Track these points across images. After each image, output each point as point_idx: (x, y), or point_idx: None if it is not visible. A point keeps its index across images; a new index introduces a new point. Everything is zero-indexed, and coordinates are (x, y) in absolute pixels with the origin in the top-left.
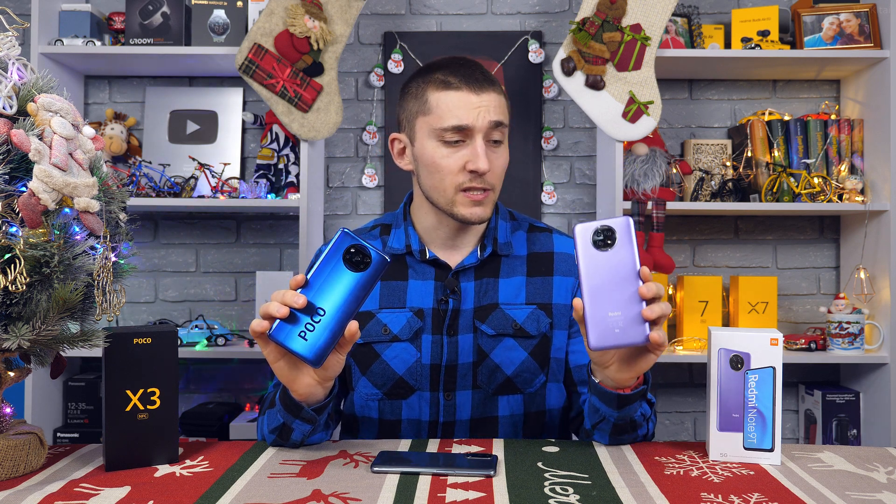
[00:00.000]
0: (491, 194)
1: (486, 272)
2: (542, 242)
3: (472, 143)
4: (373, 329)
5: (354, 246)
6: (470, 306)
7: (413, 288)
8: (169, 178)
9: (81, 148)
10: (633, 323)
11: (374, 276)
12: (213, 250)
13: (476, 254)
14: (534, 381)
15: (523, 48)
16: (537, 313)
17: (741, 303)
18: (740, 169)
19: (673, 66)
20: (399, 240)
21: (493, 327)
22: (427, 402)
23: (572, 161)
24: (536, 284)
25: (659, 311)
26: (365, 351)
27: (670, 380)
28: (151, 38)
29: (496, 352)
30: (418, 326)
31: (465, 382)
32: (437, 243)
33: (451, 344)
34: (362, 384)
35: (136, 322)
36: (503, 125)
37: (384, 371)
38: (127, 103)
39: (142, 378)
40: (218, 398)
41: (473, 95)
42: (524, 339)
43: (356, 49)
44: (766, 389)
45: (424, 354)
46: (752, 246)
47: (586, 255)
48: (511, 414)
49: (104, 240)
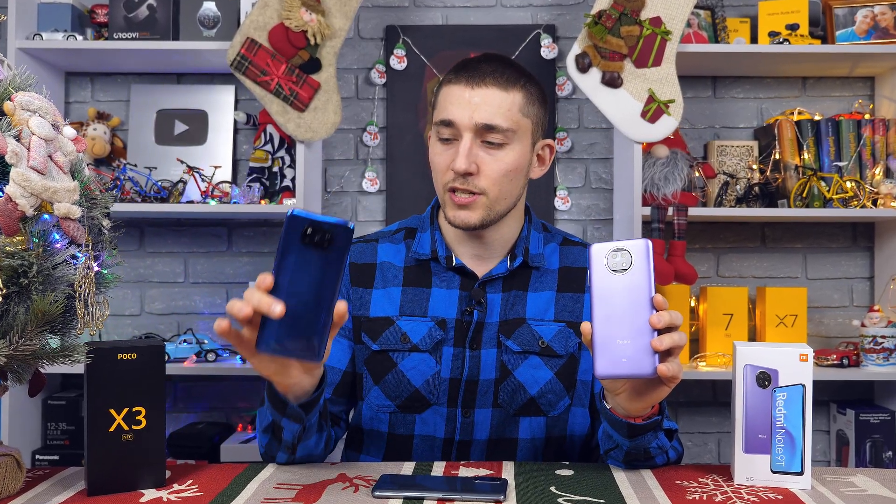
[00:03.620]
0: (481, 199)
1: (514, 284)
2: (576, 257)
3: (461, 141)
4: (391, 336)
5: (310, 225)
6: (495, 319)
7: (436, 296)
8: (155, 182)
9: (62, 150)
10: (642, 353)
11: (344, 250)
12: (203, 259)
13: (505, 263)
14: (558, 404)
15: (535, 43)
16: (566, 332)
17: (768, 316)
18: (767, 172)
19: (695, 63)
20: (424, 244)
21: (518, 343)
22: (443, 417)
23: (587, 164)
24: (567, 301)
25: (670, 342)
26: (381, 359)
27: (693, 398)
28: (137, 33)
29: (520, 370)
30: (440, 337)
31: (486, 400)
32: (461, 251)
33: (473, 358)
34: (374, 394)
35: (120, 336)
36: (496, 129)
37: (400, 382)
38: (110, 102)
39: (126, 396)
40: (208, 418)
41: (467, 89)
42: (551, 358)
43: (356, 44)
44: (795, 408)
45: (444, 367)
46: (780, 255)
47: (600, 278)
48: (532, 437)
49: (86, 248)
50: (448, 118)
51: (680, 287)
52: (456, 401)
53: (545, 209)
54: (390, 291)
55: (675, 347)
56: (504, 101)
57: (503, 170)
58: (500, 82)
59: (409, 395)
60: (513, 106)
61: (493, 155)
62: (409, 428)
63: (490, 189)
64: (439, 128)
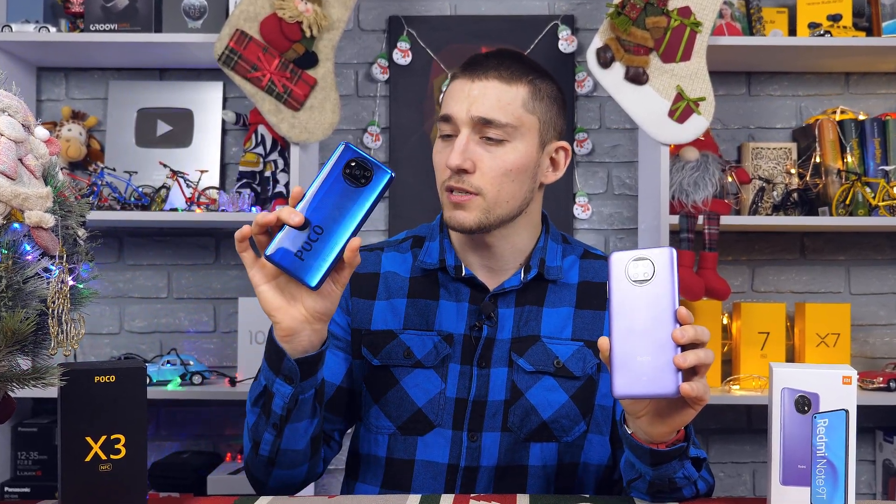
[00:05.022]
0: (477, 200)
1: (528, 298)
2: (597, 271)
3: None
4: (393, 351)
5: (355, 159)
6: (507, 336)
7: (444, 309)
8: (136, 187)
9: (33, 152)
10: (663, 371)
11: (377, 192)
12: (189, 273)
13: (519, 276)
14: (572, 430)
15: (552, 35)
16: (584, 352)
17: (808, 334)
18: (807, 177)
19: (728, 57)
20: (432, 254)
21: (531, 363)
22: (447, 441)
23: (610, 168)
24: (585, 319)
25: (694, 359)
26: (381, 374)
27: (725, 425)
28: (115, 24)
29: (533, 391)
30: (446, 353)
31: (494, 423)
32: (472, 262)
33: (482, 377)
34: (372, 414)
35: (97, 357)
36: (494, 124)
37: (401, 400)
38: (87, 100)
39: (104, 423)
40: (194, 446)
41: (468, 82)
42: (566, 379)
43: (356, 36)
44: (837, 436)
45: (450, 386)
46: (821, 267)
47: (619, 289)
48: (543, 465)
49: (60, 260)
50: (446, 113)
51: (711, 303)
52: (462, 423)
53: (563, 218)
54: (394, 303)
55: (700, 365)
56: (505, 95)
57: (502, 168)
58: (502, 75)
59: (411, 416)
60: (514, 100)
61: (492, 152)
62: (409, 452)
63: (487, 189)
64: (440, 124)
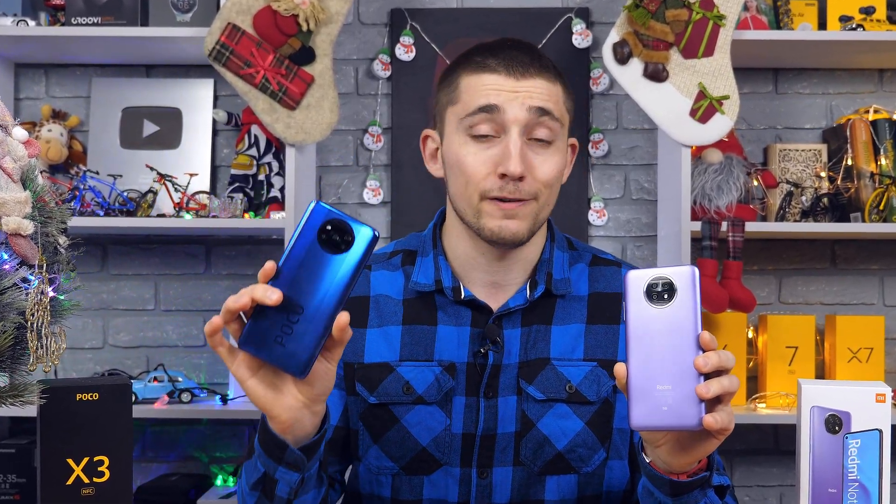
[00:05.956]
0: (531, 205)
1: (536, 317)
2: (608, 280)
3: (504, 138)
4: (391, 387)
5: (331, 221)
6: (514, 360)
7: (443, 335)
8: (121, 192)
9: (11, 154)
10: (685, 401)
11: (360, 257)
12: (177, 283)
13: (524, 293)
14: (591, 459)
15: (565, 29)
16: (598, 372)
17: (839, 349)
18: (838, 181)
19: (754, 52)
20: (426, 273)
21: (542, 390)
22: (456, 479)
23: (627, 171)
24: (598, 335)
25: (718, 388)
26: (380, 413)
27: (751, 445)
28: (99, 17)
29: (545, 420)
30: (449, 387)
31: (505, 457)
32: (474, 278)
33: (489, 409)
34: (373, 454)
35: (79, 373)
36: (551, 116)
37: (404, 440)
38: (68, 98)
39: (87, 443)
40: (182, 468)
41: (511, 80)
42: (580, 405)
43: (356, 30)
44: (870, 458)
45: (455, 421)
46: (854, 277)
47: (637, 311)
48: (561, 499)
49: (39, 270)
50: (490, 103)
51: (735, 315)
52: (470, 460)
53: (577, 224)
54: (388, 331)
55: (725, 394)
56: (554, 91)
57: (553, 172)
58: (545, 72)
59: (415, 455)
60: (559, 98)
61: (542, 154)
62: (415, 492)
63: (542, 194)
64: (474, 119)
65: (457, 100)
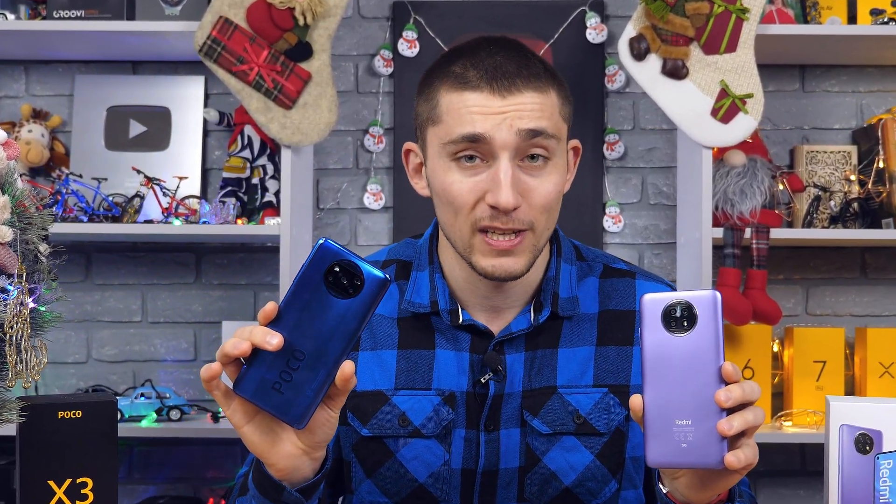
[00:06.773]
0: (528, 238)
1: (541, 340)
2: (621, 295)
3: (494, 165)
4: (386, 418)
5: (339, 263)
6: (518, 389)
7: (441, 361)
8: (106, 196)
9: None
10: (706, 438)
11: (370, 304)
12: (165, 293)
13: (528, 315)
14: (601, 492)
15: (579, 23)
16: (608, 400)
17: (870, 363)
18: (869, 185)
19: (779, 48)
20: (421, 292)
21: (548, 422)
22: None
23: (644, 174)
24: (609, 358)
25: (742, 424)
26: (373, 446)
27: (776, 466)
28: (82, 10)
29: (552, 454)
30: (448, 419)
31: (509, 494)
32: (473, 302)
33: (491, 443)
34: (366, 489)
35: (61, 389)
36: (544, 135)
37: (399, 476)
38: (50, 97)
39: (69, 464)
40: (171, 490)
41: (496, 98)
42: (590, 436)
43: (356, 24)
44: None
45: (455, 456)
46: (885, 287)
47: (653, 338)
48: None
49: (19, 279)
50: (475, 132)
51: (760, 328)
52: (470, 497)
53: (592, 231)
54: (382, 356)
55: (749, 429)
56: (546, 104)
57: (549, 194)
58: (535, 82)
59: (412, 492)
60: (553, 109)
61: (537, 177)
62: None
63: (538, 221)
64: (457, 146)
65: (438, 120)
